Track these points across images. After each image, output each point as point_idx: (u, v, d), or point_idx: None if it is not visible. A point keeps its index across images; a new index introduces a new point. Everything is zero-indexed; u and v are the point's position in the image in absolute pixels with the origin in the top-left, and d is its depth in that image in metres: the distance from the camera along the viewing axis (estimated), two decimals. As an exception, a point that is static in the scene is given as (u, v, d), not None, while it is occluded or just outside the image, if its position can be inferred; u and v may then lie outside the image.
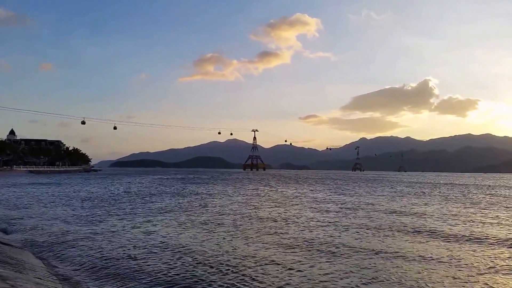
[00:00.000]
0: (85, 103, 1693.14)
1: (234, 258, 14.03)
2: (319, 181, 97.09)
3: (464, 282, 11.48)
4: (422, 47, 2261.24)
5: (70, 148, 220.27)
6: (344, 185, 76.56)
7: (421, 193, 53.86)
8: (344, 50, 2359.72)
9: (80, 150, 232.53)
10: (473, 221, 24.33)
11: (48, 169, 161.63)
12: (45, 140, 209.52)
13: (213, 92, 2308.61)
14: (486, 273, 12.50)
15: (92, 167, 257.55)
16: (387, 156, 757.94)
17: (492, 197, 47.98)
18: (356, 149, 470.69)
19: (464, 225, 22.58)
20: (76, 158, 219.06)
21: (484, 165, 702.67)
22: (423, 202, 38.81)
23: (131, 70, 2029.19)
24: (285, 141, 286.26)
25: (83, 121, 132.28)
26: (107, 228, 20.55)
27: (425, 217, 25.88)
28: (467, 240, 17.98)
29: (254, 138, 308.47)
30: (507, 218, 26.47)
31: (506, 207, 34.40)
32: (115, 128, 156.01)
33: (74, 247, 15.92)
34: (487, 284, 11.32)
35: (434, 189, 66.78)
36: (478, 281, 11.57)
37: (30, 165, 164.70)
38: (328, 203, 35.98)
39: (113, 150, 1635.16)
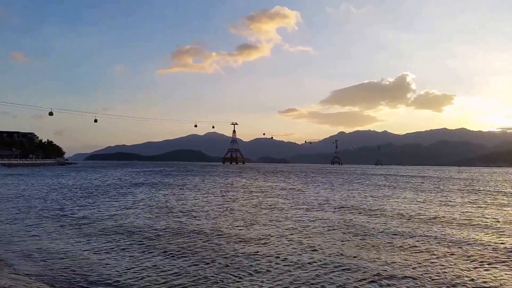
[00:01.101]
0: (59, 95, 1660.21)
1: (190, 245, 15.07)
2: (293, 174, 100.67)
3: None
4: (401, 42, 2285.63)
5: (44, 141, 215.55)
6: (318, 178, 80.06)
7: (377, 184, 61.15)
8: (323, 44, 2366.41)
9: (54, 143, 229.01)
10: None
11: (21, 162, 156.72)
12: (17, 132, 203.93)
13: (192, 85, 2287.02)
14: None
15: (67, 160, 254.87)
16: (365, 150, 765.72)
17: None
18: (334, 143, 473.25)
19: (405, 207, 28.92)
20: (50, 151, 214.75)
21: (459, 159, 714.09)
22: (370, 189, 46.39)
23: (107, 61, 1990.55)
24: (263, 134, 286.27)
25: (50, 112, 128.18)
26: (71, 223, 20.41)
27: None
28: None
29: (234, 131, 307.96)
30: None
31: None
32: (95, 121, 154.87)
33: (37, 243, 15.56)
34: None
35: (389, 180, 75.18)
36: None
37: (2, 158, 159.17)
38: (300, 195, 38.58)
39: (88, 142, 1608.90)
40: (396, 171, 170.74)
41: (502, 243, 16.60)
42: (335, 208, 28.14)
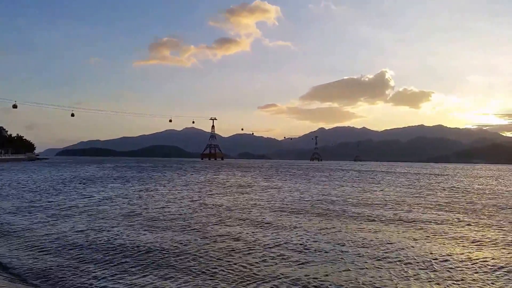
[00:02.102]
0: (31, 88, 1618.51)
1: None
2: (270, 170, 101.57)
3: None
4: (380, 39, 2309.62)
5: (13, 135, 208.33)
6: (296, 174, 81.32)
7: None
8: (303, 39, 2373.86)
9: (24, 138, 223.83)
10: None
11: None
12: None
13: (170, 78, 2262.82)
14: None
15: (37, 155, 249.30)
16: (344, 146, 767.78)
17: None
18: (313, 139, 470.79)
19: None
20: (20, 146, 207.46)
21: (436, 155, 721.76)
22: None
23: (81, 54, 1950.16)
24: (242, 129, 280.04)
25: (14, 104, 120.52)
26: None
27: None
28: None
29: (213, 126, 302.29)
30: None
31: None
32: (72, 115, 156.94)
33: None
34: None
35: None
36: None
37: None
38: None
39: (61, 137, 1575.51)
40: (366, 167, 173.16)
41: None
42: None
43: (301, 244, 14.74)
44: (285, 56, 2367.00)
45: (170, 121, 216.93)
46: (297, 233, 16.84)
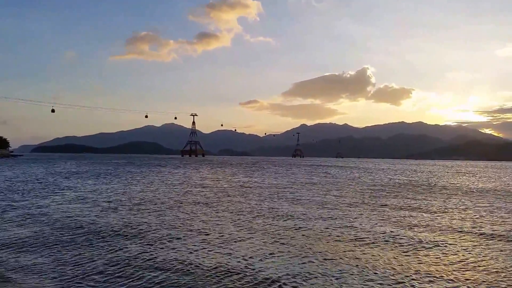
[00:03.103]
0: (3, 82, 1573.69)
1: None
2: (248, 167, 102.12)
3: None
4: (361, 36, 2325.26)
5: None
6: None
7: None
8: (285, 35, 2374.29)
9: None
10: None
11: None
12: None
13: (149, 73, 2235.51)
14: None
15: (12, 152, 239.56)
16: (326, 142, 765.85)
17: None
18: (294, 135, 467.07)
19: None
20: None
21: (416, 152, 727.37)
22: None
23: (56, 47, 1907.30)
24: (221, 125, 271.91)
25: None
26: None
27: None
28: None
29: (193, 122, 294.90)
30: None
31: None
32: (53, 111, 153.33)
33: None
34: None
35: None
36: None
37: None
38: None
39: (35, 133, 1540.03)
40: (330, 162, 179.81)
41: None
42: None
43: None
44: (267, 52, 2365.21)
45: (146, 116, 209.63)
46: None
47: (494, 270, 11.76)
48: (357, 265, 12.00)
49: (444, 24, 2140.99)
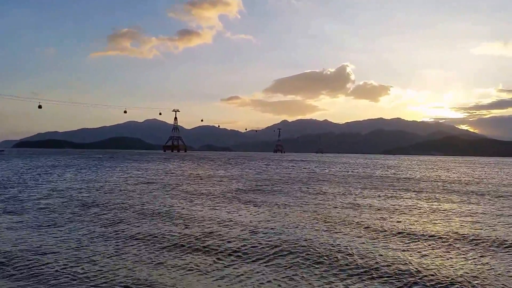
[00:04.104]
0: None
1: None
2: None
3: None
4: (341, 34, 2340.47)
5: None
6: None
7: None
8: (266, 33, 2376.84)
9: None
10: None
11: None
12: None
13: (130, 70, 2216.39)
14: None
15: None
16: (307, 138, 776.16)
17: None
18: (275, 131, 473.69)
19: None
20: None
21: (395, 147, 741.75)
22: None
23: (37, 43, 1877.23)
24: (202, 120, 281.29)
25: None
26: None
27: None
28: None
29: (175, 118, 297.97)
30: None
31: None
32: (40, 107, 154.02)
33: None
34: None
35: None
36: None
37: None
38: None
39: (17, 129, 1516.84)
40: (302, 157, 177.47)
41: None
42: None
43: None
44: (248, 49, 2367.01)
45: (125, 112, 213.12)
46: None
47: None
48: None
49: (420, 23, 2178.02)
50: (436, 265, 11.15)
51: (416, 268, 10.71)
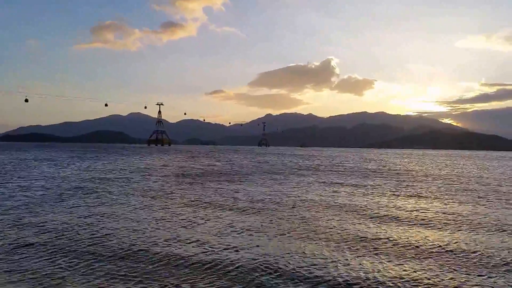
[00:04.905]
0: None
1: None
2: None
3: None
4: (326, 27, 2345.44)
5: None
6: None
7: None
8: (250, 26, 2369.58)
9: None
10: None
11: None
12: None
13: (114, 62, 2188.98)
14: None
15: None
16: (291, 132, 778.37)
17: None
18: (258, 125, 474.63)
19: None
20: None
21: (379, 141, 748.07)
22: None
23: (18, 36, 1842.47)
24: (185, 114, 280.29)
25: None
26: None
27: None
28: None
29: (159, 112, 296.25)
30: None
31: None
32: (26, 100, 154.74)
33: None
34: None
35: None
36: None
37: None
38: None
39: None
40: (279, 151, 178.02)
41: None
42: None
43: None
44: (233, 42, 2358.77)
45: (106, 105, 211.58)
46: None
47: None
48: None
49: (405, 16, 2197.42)
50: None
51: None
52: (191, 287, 8.41)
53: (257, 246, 11.48)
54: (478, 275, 9.27)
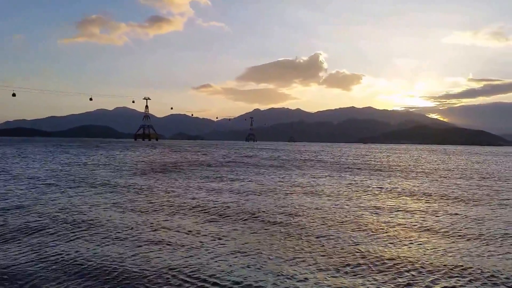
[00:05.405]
0: None
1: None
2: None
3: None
4: (314, 22, 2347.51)
5: None
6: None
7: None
8: (238, 20, 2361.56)
9: None
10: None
11: None
12: None
13: (100, 56, 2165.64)
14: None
15: None
16: (279, 127, 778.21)
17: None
18: (246, 120, 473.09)
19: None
20: None
21: (366, 136, 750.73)
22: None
23: (4, 31, 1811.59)
24: (171, 108, 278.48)
25: None
26: None
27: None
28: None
29: (146, 106, 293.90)
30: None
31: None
32: (13, 95, 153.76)
33: None
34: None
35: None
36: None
37: None
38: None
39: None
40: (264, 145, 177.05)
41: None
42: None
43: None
44: (220, 37, 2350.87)
45: (91, 99, 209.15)
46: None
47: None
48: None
49: (392, 11, 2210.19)
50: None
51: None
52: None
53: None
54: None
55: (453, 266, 9.20)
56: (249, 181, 27.64)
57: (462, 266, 9.27)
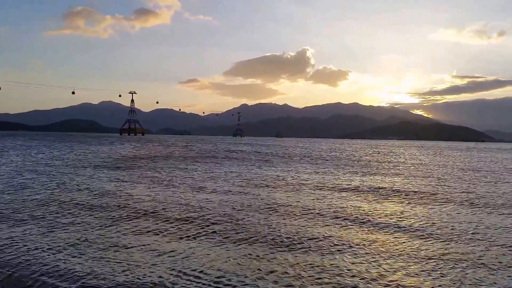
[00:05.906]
0: None
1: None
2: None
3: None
4: (302, 17, 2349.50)
5: None
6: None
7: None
8: (225, 14, 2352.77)
9: None
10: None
11: None
12: None
13: (85, 49, 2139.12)
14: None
15: None
16: (266, 122, 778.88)
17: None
18: (233, 115, 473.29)
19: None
20: None
21: (353, 132, 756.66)
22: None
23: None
24: (157, 102, 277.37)
25: None
26: None
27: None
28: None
29: (132, 100, 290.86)
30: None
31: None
32: None
33: None
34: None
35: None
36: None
37: None
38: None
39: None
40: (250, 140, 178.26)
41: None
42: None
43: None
44: (207, 31, 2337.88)
45: (73, 93, 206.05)
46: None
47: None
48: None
49: (380, 8, 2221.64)
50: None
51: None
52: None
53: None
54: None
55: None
56: (232, 174, 28.47)
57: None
